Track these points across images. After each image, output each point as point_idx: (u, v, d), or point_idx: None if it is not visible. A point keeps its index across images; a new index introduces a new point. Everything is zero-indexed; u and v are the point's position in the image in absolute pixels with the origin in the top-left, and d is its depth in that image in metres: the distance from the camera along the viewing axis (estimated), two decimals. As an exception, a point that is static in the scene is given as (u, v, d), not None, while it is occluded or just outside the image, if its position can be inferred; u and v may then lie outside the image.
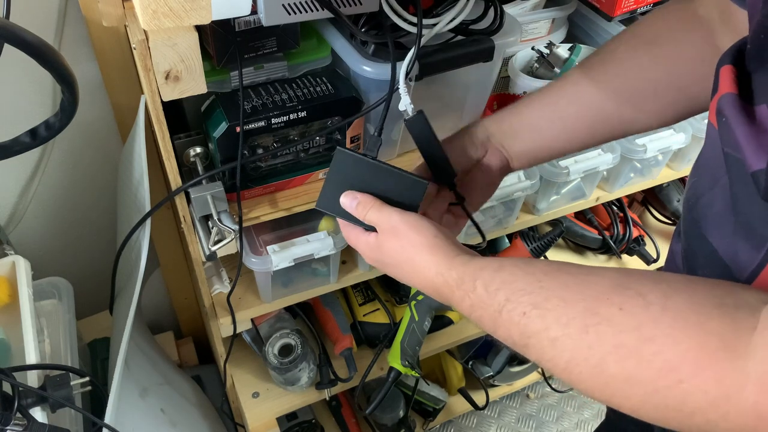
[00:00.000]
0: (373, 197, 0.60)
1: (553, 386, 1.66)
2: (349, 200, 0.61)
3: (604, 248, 1.43)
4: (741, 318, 0.37)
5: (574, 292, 0.44)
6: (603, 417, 1.60)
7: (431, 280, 0.54)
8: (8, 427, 0.67)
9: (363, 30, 0.74)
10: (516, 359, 1.51)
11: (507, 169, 0.70)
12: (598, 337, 0.41)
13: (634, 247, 1.42)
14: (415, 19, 0.70)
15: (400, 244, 0.57)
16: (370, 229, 0.61)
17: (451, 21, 0.73)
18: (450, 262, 0.53)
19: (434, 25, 0.72)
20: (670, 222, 1.51)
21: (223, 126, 0.75)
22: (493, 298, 0.48)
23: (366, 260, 0.62)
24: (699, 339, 0.37)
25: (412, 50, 0.68)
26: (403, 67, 0.68)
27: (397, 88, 0.68)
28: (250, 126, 0.76)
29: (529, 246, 1.15)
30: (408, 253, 0.56)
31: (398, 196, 0.61)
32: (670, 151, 1.17)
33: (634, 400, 0.40)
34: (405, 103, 0.67)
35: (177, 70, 0.66)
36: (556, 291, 0.45)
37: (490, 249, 1.34)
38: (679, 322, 0.38)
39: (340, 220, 0.64)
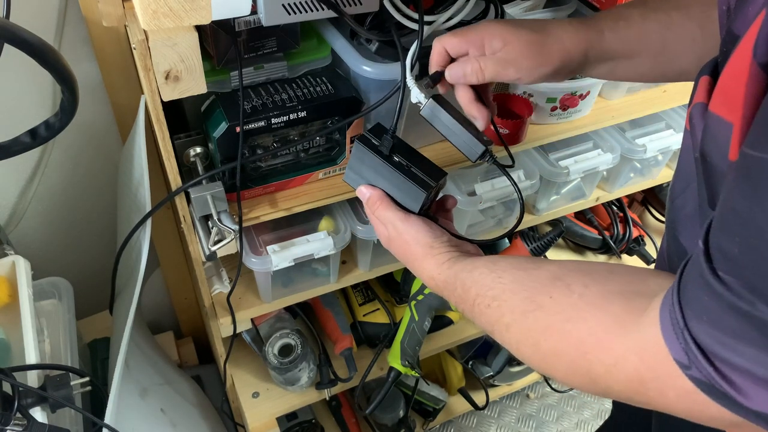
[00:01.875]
0: (381, 195, 0.68)
1: (553, 386, 1.66)
2: (361, 194, 0.69)
3: (604, 248, 1.43)
4: (637, 302, 0.44)
5: (520, 285, 0.52)
6: (603, 417, 1.61)
7: (427, 281, 0.65)
8: (8, 427, 0.67)
9: (366, 29, 0.74)
10: (516, 359, 1.51)
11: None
12: (535, 320, 0.49)
13: (634, 247, 1.42)
14: (416, 16, 0.70)
15: (403, 250, 0.66)
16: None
17: (450, 19, 0.73)
18: (439, 268, 0.62)
19: (433, 22, 0.72)
20: (669, 222, 1.51)
21: (223, 126, 0.75)
22: (468, 294, 0.57)
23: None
24: (600, 319, 0.45)
25: (415, 44, 0.68)
26: (408, 61, 0.68)
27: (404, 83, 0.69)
28: (250, 126, 0.76)
29: (529, 246, 1.15)
30: (409, 257, 0.66)
31: (403, 196, 0.67)
32: (670, 151, 1.17)
33: (561, 370, 0.48)
34: (415, 95, 0.68)
35: (177, 70, 0.66)
36: (509, 285, 0.53)
37: (490, 250, 1.34)
38: (589, 306, 0.46)
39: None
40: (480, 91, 0.67)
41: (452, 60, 0.66)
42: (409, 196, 0.66)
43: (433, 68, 0.67)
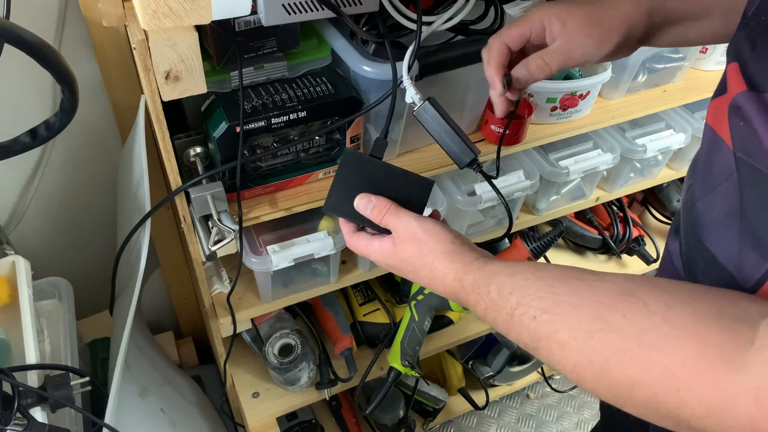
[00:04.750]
0: (388, 201, 0.61)
1: (553, 386, 1.66)
2: (363, 203, 0.62)
3: (604, 248, 1.43)
4: (739, 331, 0.38)
5: (581, 297, 0.45)
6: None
7: (449, 286, 0.56)
8: (8, 427, 0.67)
9: (364, 29, 0.74)
10: (516, 359, 1.51)
11: None
12: (602, 342, 0.42)
13: (634, 247, 1.42)
14: (415, 17, 0.71)
15: (418, 250, 0.58)
16: (381, 231, 0.62)
17: (450, 19, 0.73)
18: (466, 268, 0.55)
19: (433, 22, 0.72)
20: (670, 222, 1.51)
21: (223, 126, 0.75)
22: (506, 301, 0.49)
23: (379, 265, 0.63)
24: (697, 349, 0.38)
25: (413, 44, 0.69)
26: (405, 61, 0.68)
27: (401, 82, 0.69)
28: (250, 126, 0.76)
29: (529, 246, 1.15)
30: (426, 259, 0.57)
31: (407, 195, 0.63)
32: (670, 151, 1.18)
33: (636, 402, 0.41)
34: (411, 95, 0.68)
35: (177, 70, 0.66)
36: (565, 296, 0.46)
37: (489, 250, 1.34)
38: (678, 332, 0.39)
39: (345, 228, 0.65)
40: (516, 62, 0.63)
41: (513, 55, 0.62)
42: (415, 191, 0.63)
43: (494, 67, 0.63)
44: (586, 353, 0.43)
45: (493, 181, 1.02)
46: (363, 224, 0.63)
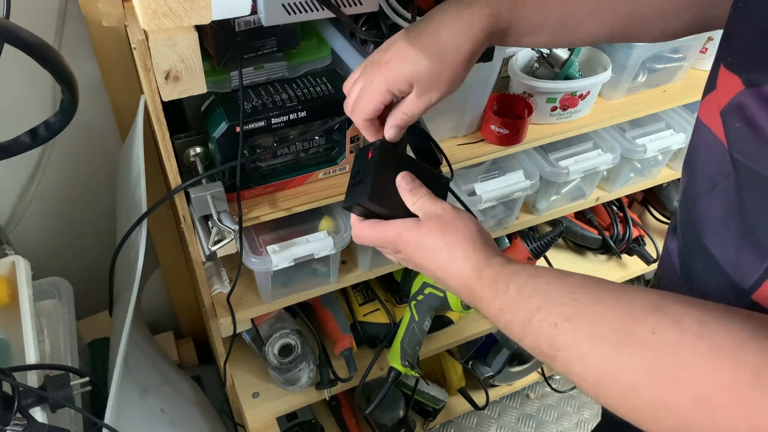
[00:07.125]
0: (426, 187, 0.60)
1: (553, 386, 1.66)
2: (406, 182, 0.60)
3: (604, 248, 1.43)
4: None
5: (607, 309, 0.43)
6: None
7: (465, 275, 0.53)
8: (8, 427, 0.67)
9: (363, 29, 0.74)
10: (516, 359, 1.51)
11: None
12: (631, 358, 0.40)
13: (634, 247, 1.42)
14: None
15: (442, 231, 0.56)
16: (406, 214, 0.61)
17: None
18: (488, 261, 0.53)
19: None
20: (669, 222, 1.51)
21: (223, 126, 0.75)
22: (525, 303, 0.47)
23: (394, 251, 0.61)
24: (733, 371, 0.36)
25: None
26: None
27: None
28: (250, 126, 0.76)
29: (529, 246, 1.15)
30: (450, 241, 0.55)
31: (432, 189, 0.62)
32: (670, 151, 1.18)
33: (664, 424, 0.40)
34: None
35: (177, 70, 0.66)
36: (590, 306, 0.44)
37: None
38: (714, 351, 0.37)
39: (354, 218, 0.64)
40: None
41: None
42: (435, 186, 0.63)
43: (373, 137, 0.64)
44: (611, 369, 0.41)
45: (494, 180, 1.03)
46: (388, 214, 0.62)
